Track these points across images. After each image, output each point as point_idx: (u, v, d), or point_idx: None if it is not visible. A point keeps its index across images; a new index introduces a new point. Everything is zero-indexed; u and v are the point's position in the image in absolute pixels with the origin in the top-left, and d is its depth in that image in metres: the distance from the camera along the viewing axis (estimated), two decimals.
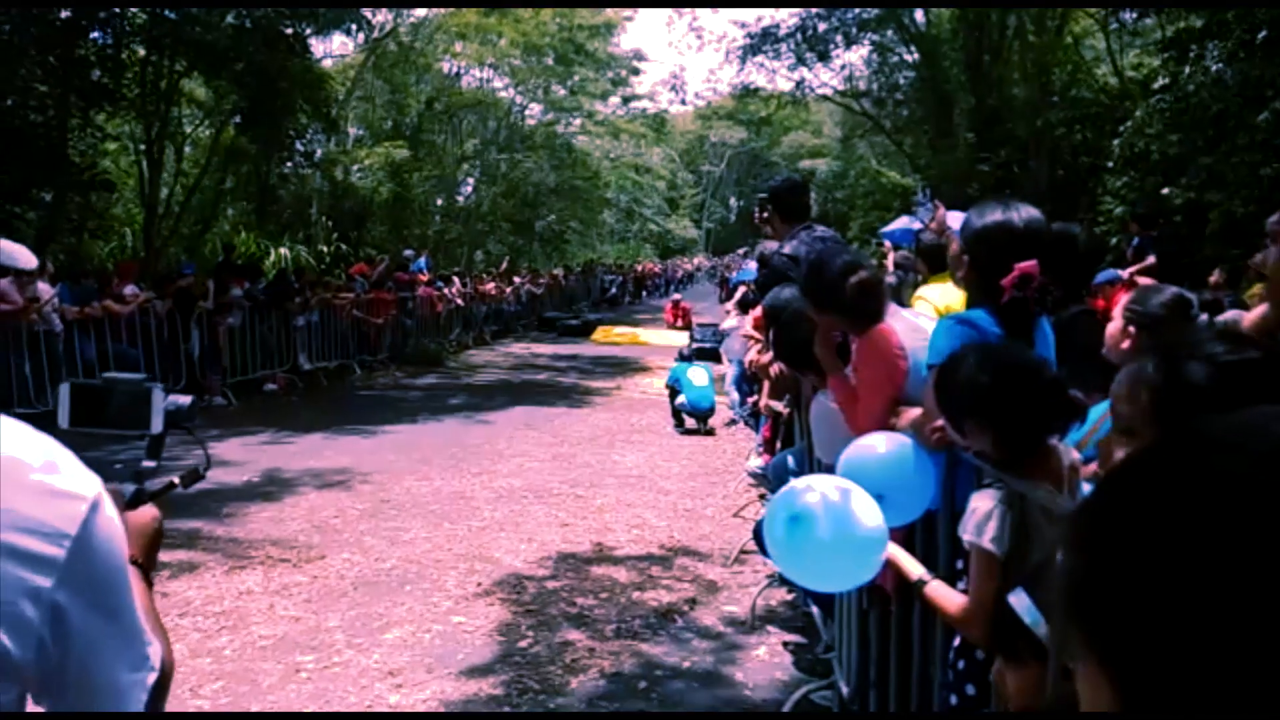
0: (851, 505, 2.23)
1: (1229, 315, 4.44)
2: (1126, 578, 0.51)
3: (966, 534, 1.97)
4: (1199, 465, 0.52)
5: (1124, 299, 2.71)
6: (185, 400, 1.42)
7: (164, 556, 5.01)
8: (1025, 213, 2.42)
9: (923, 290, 4.35)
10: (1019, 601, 1.72)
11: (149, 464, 1.36)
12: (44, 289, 9.18)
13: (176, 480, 1.44)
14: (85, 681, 0.87)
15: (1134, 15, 15.28)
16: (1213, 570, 0.48)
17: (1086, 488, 2.00)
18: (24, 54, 12.13)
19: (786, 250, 4.27)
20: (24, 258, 1.39)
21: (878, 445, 2.46)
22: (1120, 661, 0.52)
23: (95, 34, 13.68)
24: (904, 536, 2.47)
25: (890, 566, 2.33)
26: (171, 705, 1.03)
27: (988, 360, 2.04)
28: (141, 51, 14.70)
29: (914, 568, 2.28)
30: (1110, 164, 12.40)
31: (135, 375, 1.37)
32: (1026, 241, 2.36)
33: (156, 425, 1.37)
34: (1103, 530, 0.54)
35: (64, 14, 12.80)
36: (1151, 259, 7.32)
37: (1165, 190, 10.63)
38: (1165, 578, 0.50)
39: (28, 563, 0.80)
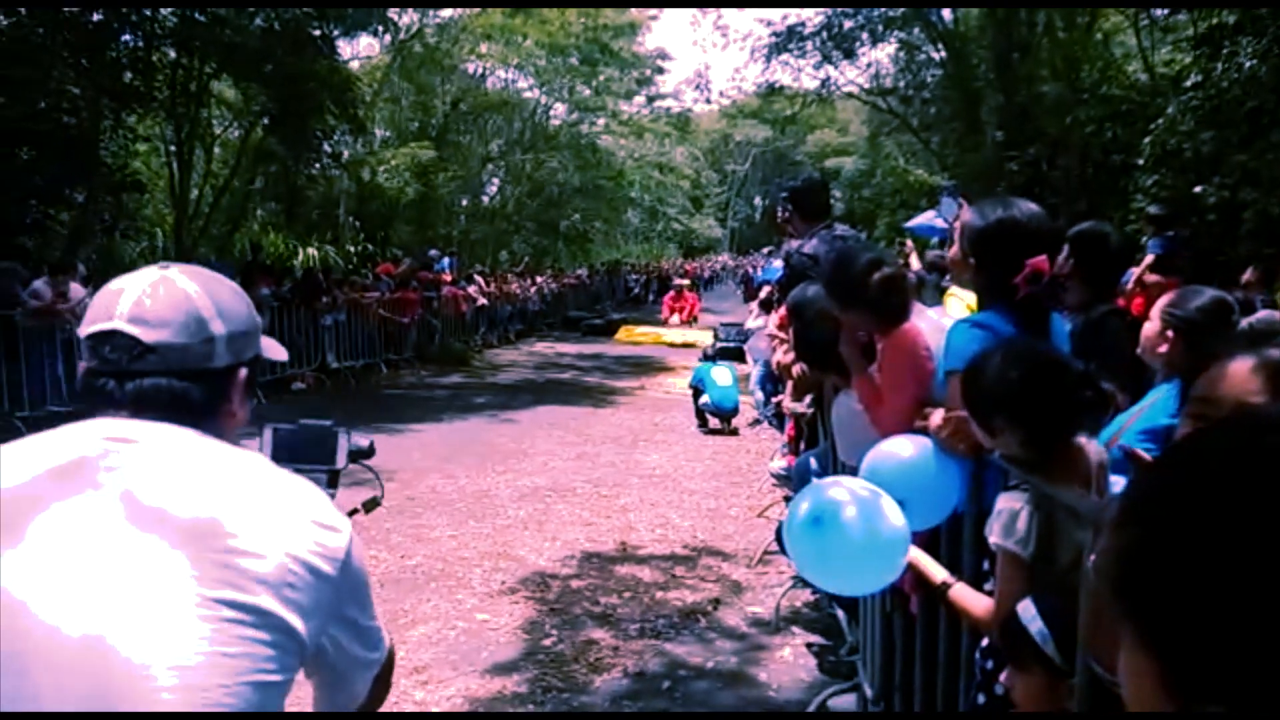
0: (871, 508, 2.22)
1: (1261, 315, 4.37)
2: (1177, 553, 0.50)
3: (993, 536, 1.95)
4: (1254, 444, 0.52)
5: (1161, 301, 2.67)
6: (365, 441, 1.72)
7: None
8: (1026, 208, 2.42)
9: (956, 288, 4.32)
10: (1026, 611, 1.71)
11: (330, 492, 1.57)
12: (76, 290, 9.33)
13: (360, 507, 1.71)
14: (341, 662, 1.20)
15: (1165, 12, 15.05)
16: (1267, 550, 0.47)
17: (1118, 483, 1.97)
18: (57, 57, 12.31)
19: (807, 249, 4.25)
20: (277, 351, 1.50)
21: (901, 449, 2.44)
22: (1165, 640, 0.51)
23: (126, 37, 13.85)
24: (929, 538, 2.45)
25: (911, 570, 2.32)
26: None
27: (1015, 357, 2.03)
28: (172, 54, 14.86)
29: (936, 571, 2.26)
30: (1141, 162, 12.22)
31: (324, 421, 1.68)
32: (1032, 237, 2.35)
33: (340, 461, 1.65)
34: (1155, 505, 0.54)
35: (96, 17, 12.97)
36: (1150, 258, 7.18)
37: (1198, 189, 10.47)
38: (1216, 555, 0.49)
39: (317, 576, 1.11)
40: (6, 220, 11.76)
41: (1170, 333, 2.52)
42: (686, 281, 22.57)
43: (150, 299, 1.14)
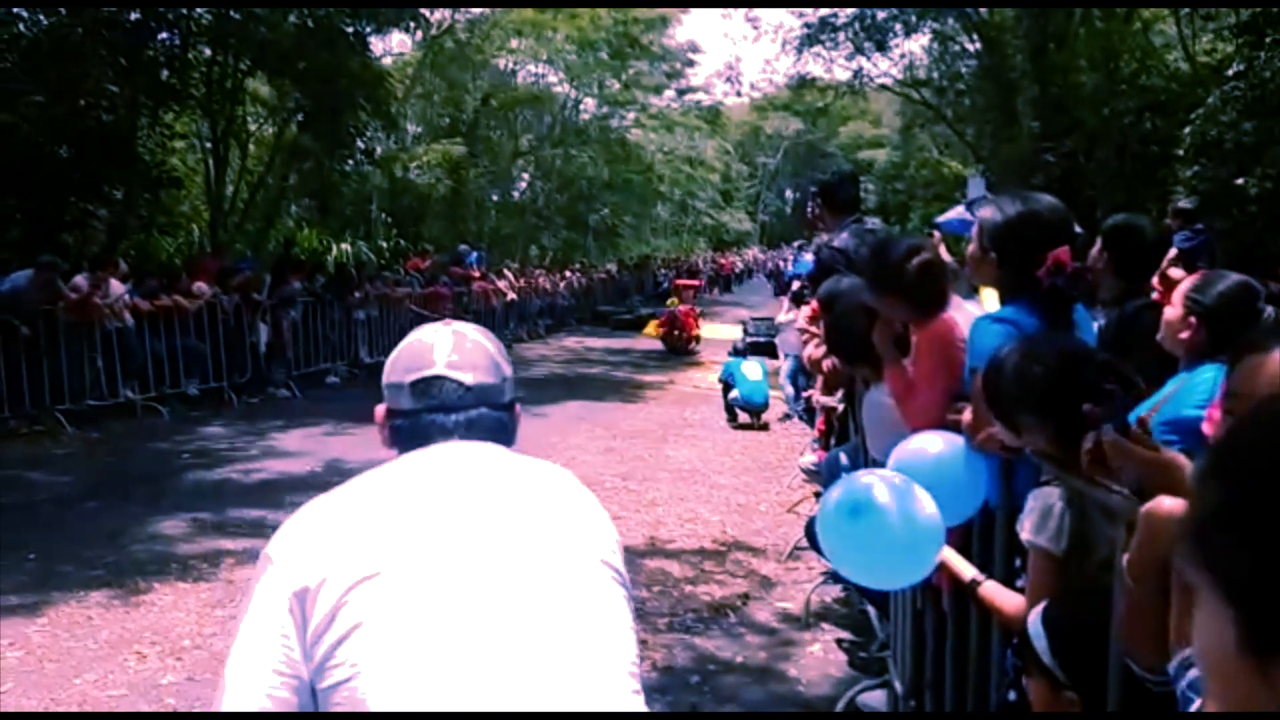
0: (907, 499, 2.20)
1: None
2: (1262, 506, 0.50)
3: (1024, 533, 1.93)
4: None
5: (1183, 285, 2.58)
6: None
7: (229, 544, 5.14)
8: (1045, 201, 2.41)
9: None
10: (1033, 623, 1.69)
11: None
12: (116, 286, 9.48)
13: None
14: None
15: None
16: None
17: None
18: (95, 56, 12.51)
19: (836, 243, 4.22)
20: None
21: (929, 444, 2.41)
22: (1248, 595, 0.50)
23: (163, 35, 14.04)
24: (961, 534, 2.42)
25: (943, 568, 2.29)
26: None
27: (1035, 350, 2.00)
28: (208, 52, 15.05)
29: (966, 569, 2.24)
30: (1181, 153, 12.01)
31: None
32: (1052, 229, 2.33)
33: None
34: (1240, 461, 0.54)
35: (133, 16, 13.17)
36: (1173, 251, 7.06)
37: (1240, 180, 10.26)
38: None
39: (619, 556, 1.35)
40: (47, 216, 11.98)
41: (1193, 319, 2.44)
42: (674, 301, 17.31)
43: (459, 351, 1.43)
